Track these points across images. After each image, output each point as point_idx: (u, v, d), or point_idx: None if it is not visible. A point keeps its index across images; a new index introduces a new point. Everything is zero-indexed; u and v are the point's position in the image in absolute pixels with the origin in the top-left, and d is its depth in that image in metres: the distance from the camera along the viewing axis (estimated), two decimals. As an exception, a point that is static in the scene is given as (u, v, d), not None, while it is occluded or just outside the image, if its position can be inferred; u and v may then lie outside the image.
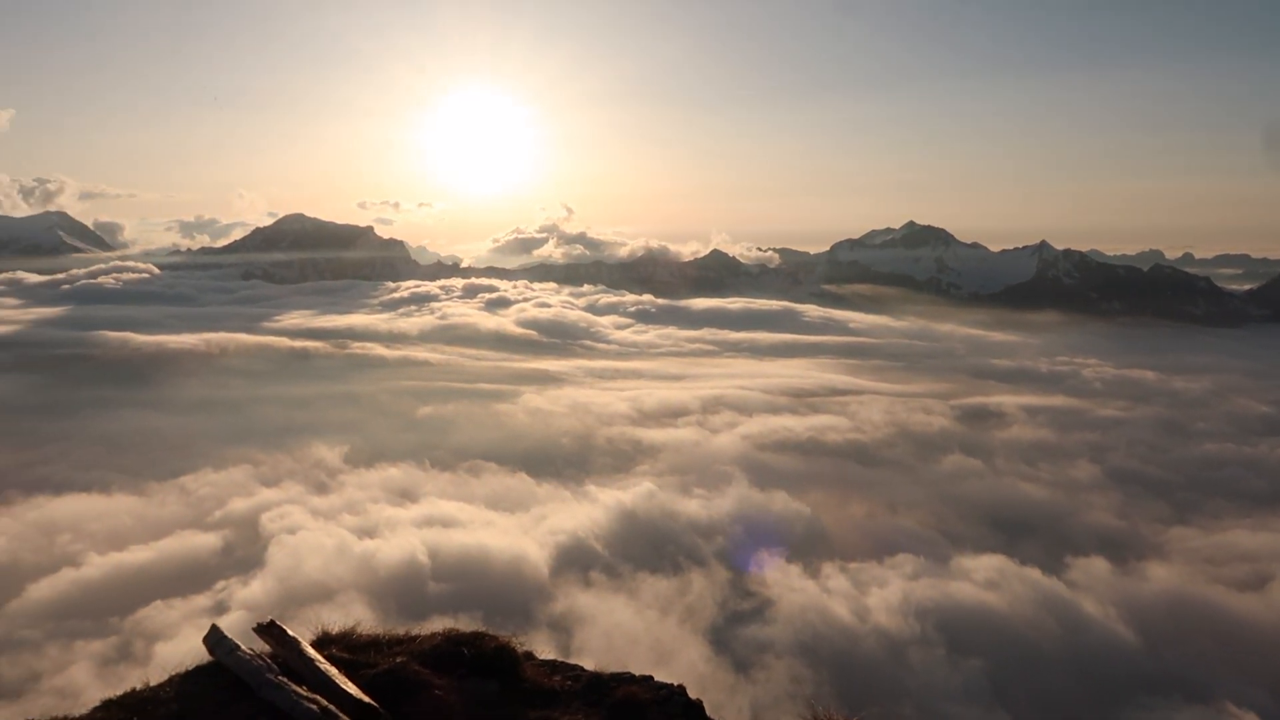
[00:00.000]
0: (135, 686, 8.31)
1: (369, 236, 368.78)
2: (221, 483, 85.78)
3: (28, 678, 52.71)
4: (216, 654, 8.27)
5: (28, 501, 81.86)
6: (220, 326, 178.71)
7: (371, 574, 61.05)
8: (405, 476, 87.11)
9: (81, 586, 63.36)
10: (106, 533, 73.78)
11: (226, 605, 58.64)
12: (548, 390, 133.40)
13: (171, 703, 7.93)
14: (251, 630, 8.57)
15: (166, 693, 8.12)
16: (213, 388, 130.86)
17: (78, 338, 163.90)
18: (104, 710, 7.89)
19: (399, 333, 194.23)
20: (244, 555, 66.82)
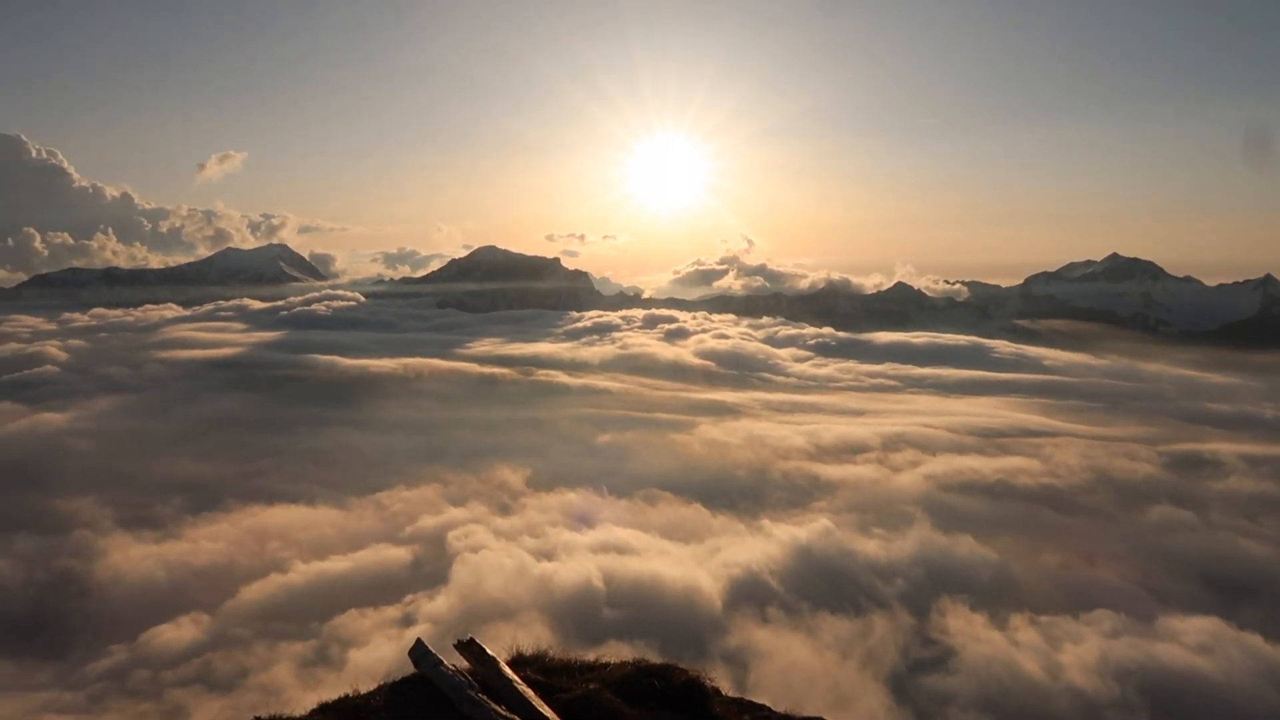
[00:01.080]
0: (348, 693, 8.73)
1: (556, 268, 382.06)
2: (413, 500, 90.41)
3: (238, 673, 57.01)
4: (421, 667, 8.56)
5: (244, 510, 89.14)
6: (417, 352, 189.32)
7: (548, 596, 62.35)
8: (584, 502, 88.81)
9: (287, 591, 68.10)
10: (311, 542, 79.16)
11: (414, 618, 61.39)
12: (724, 422, 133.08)
13: (381, 711, 8.26)
14: (452, 646, 8.84)
15: (376, 701, 8.48)
16: (408, 409, 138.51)
17: (292, 360, 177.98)
18: (322, 713, 8.31)
19: (581, 361, 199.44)
20: (431, 570, 69.82)
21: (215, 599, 67.62)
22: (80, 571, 75.15)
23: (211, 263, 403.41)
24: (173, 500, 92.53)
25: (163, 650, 60.33)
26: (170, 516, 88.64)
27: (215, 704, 53.00)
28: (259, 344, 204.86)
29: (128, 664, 59.33)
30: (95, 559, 77.29)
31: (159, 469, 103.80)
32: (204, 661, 58.28)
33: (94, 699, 55.50)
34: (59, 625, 68.59)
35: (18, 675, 60.26)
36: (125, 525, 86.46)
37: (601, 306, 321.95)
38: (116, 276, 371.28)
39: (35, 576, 75.12)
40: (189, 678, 56.77)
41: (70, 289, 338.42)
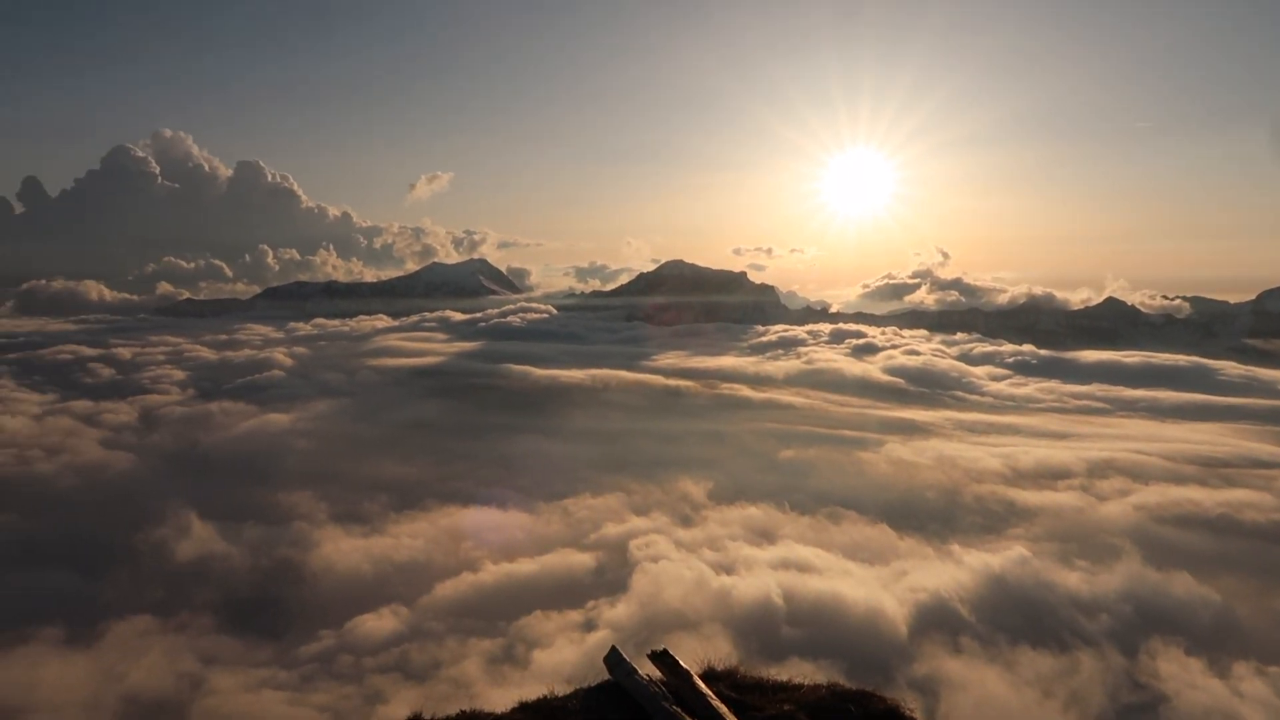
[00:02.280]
0: (546, 694, 8.93)
1: (742, 281, 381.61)
2: (598, 508, 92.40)
3: (431, 664, 60.02)
4: (615, 674, 8.64)
5: (441, 510, 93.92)
6: (604, 364, 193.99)
7: (727, 610, 62.02)
8: (765, 517, 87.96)
9: (478, 590, 71.12)
10: (501, 544, 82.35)
11: (595, 623, 62.59)
12: (913, 441, 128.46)
13: (577, 715, 8.42)
14: (645, 656, 8.87)
15: (573, 704, 8.64)
16: (595, 419, 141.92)
17: (489, 369, 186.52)
18: (521, 712, 8.55)
19: (765, 375, 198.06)
20: (612, 578, 71.00)
21: (413, 593, 71.52)
22: (297, 560, 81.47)
23: (419, 277, 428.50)
24: (379, 498, 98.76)
25: (365, 638, 64.40)
26: (376, 513, 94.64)
27: (410, 692, 55.92)
28: (459, 354, 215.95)
29: (334, 649, 63.71)
30: (310, 549, 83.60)
31: (367, 468, 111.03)
32: (401, 651, 61.75)
33: (305, 679, 59.91)
34: (278, 608, 74.56)
35: (243, 651, 65.90)
36: (337, 519, 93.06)
37: (787, 321, 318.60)
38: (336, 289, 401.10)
39: (260, 563, 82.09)
40: (388, 665, 60.32)
41: (296, 301, 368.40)
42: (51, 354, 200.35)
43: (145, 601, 74.38)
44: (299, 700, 57.07)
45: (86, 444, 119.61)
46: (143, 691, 58.75)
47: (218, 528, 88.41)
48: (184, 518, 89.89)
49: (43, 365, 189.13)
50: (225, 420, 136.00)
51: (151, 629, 68.90)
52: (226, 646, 66.76)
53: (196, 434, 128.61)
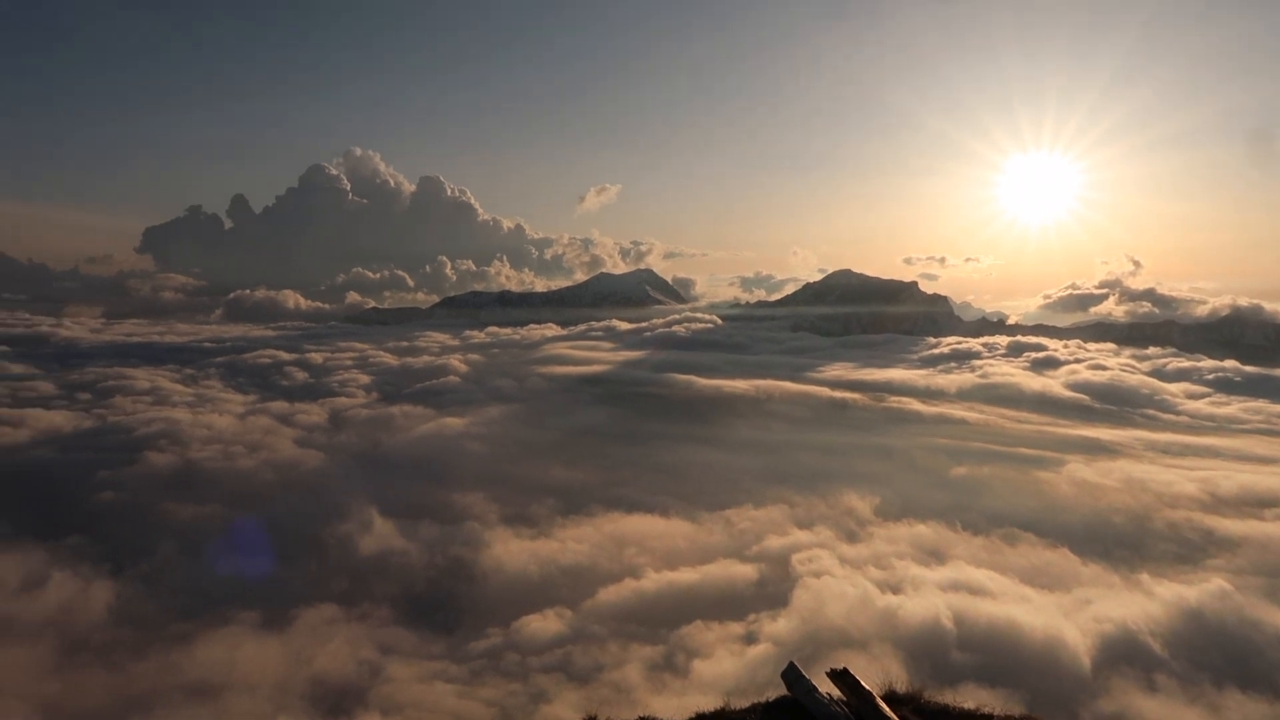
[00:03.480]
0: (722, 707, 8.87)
1: (913, 291, 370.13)
2: (760, 519, 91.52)
3: (593, 667, 60.98)
4: (794, 691, 8.48)
5: (605, 516, 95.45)
6: (769, 374, 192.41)
7: (892, 630, 60.03)
8: (934, 535, 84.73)
9: (640, 596, 71.76)
10: (663, 551, 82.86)
11: (756, 636, 61.93)
12: (1098, 461, 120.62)
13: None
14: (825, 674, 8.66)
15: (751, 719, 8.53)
16: (759, 430, 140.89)
17: (653, 378, 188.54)
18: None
19: (937, 389, 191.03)
20: (774, 591, 70.05)
21: (577, 596, 72.96)
22: (469, 559, 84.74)
23: (587, 286, 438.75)
24: (546, 501, 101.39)
25: (531, 638, 66.18)
26: (543, 516, 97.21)
27: (573, 694, 57.03)
28: (625, 362, 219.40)
29: (502, 646, 65.80)
30: (481, 549, 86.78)
31: (536, 472, 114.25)
32: (565, 653, 63.07)
33: (474, 674, 62.19)
34: (451, 605, 77.77)
35: (418, 644, 69.09)
36: (507, 521, 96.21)
37: (961, 332, 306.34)
38: (508, 299, 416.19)
39: (435, 560, 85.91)
40: (551, 665, 61.75)
41: (472, 310, 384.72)
42: (253, 358, 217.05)
43: (331, 591, 79.28)
44: (468, 694, 59.29)
45: (282, 442, 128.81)
46: (327, 675, 62.59)
47: (397, 524, 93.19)
48: (367, 514, 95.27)
49: (246, 368, 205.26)
50: (405, 423, 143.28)
51: (336, 617, 73.33)
52: (403, 638, 70.20)
53: (379, 435, 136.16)
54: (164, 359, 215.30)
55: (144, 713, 55.86)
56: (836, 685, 8.26)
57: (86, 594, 76.34)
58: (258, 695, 58.94)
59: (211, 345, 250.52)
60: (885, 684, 8.84)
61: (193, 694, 58.55)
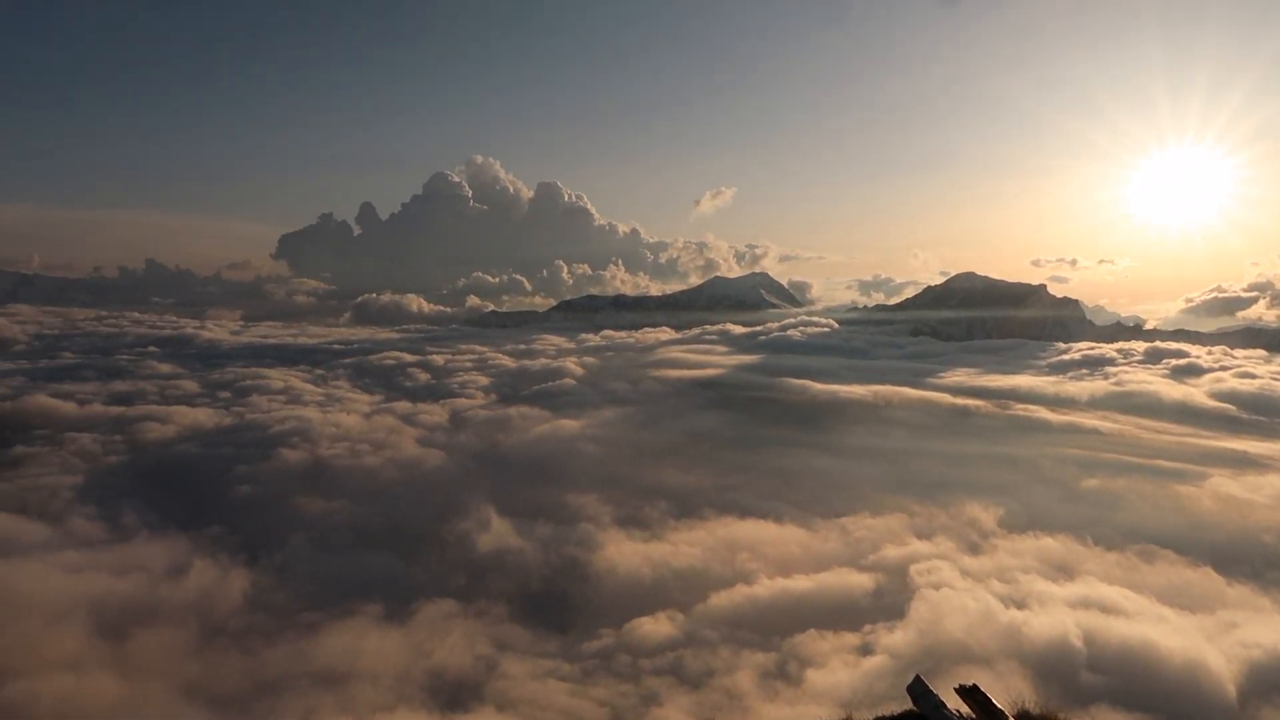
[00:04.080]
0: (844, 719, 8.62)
1: (1041, 295, 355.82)
2: (877, 528, 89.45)
3: (705, 672, 60.71)
4: (921, 705, 8.19)
5: (718, 520, 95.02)
6: (887, 379, 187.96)
7: (1016, 647, 57.65)
8: (1063, 550, 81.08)
9: (752, 602, 71.10)
10: (777, 558, 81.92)
11: (872, 648, 60.48)
12: (1245, 475, 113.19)
13: (884, 744, 8.03)
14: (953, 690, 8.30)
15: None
16: (876, 437, 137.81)
17: (767, 382, 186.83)
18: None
19: (1066, 397, 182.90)
20: (890, 602, 68.31)
21: (689, 600, 72.84)
22: (583, 560, 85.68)
23: (701, 290, 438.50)
24: (659, 504, 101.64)
25: (643, 640, 66.38)
26: (656, 519, 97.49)
27: (684, 698, 56.91)
28: (739, 366, 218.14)
29: (614, 647, 66.22)
30: (595, 550, 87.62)
31: (649, 475, 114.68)
32: (676, 656, 63.01)
33: (586, 673, 62.78)
34: (564, 604, 78.79)
35: (532, 642, 70.23)
36: (620, 523, 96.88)
37: (1093, 338, 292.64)
38: (623, 302, 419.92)
39: (549, 559, 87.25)
40: (663, 668, 61.77)
41: (587, 313, 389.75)
42: (379, 359, 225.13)
43: (450, 587, 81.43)
44: (580, 693, 59.88)
45: (405, 441, 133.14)
46: (445, 669, 64.25)
47: (513, 523, 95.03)
48: (484, 512, 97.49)
49: (372, 369, 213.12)
50: (522, 424, 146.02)
51: (454, 612, 75.24)
52: (518, 635, 71.49)
53: (497, 435, 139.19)
54: (297, 360, 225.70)
55: (275, 697, 58.52)
56: (966, 702, 7.86)
57: (224, 582, 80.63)
58: (380, 685, 60.95)
59: (340, 347, 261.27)
60: (1016, 703, 8.38)
61: (320, 681, 61.00)
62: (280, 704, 57.33)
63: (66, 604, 71.81)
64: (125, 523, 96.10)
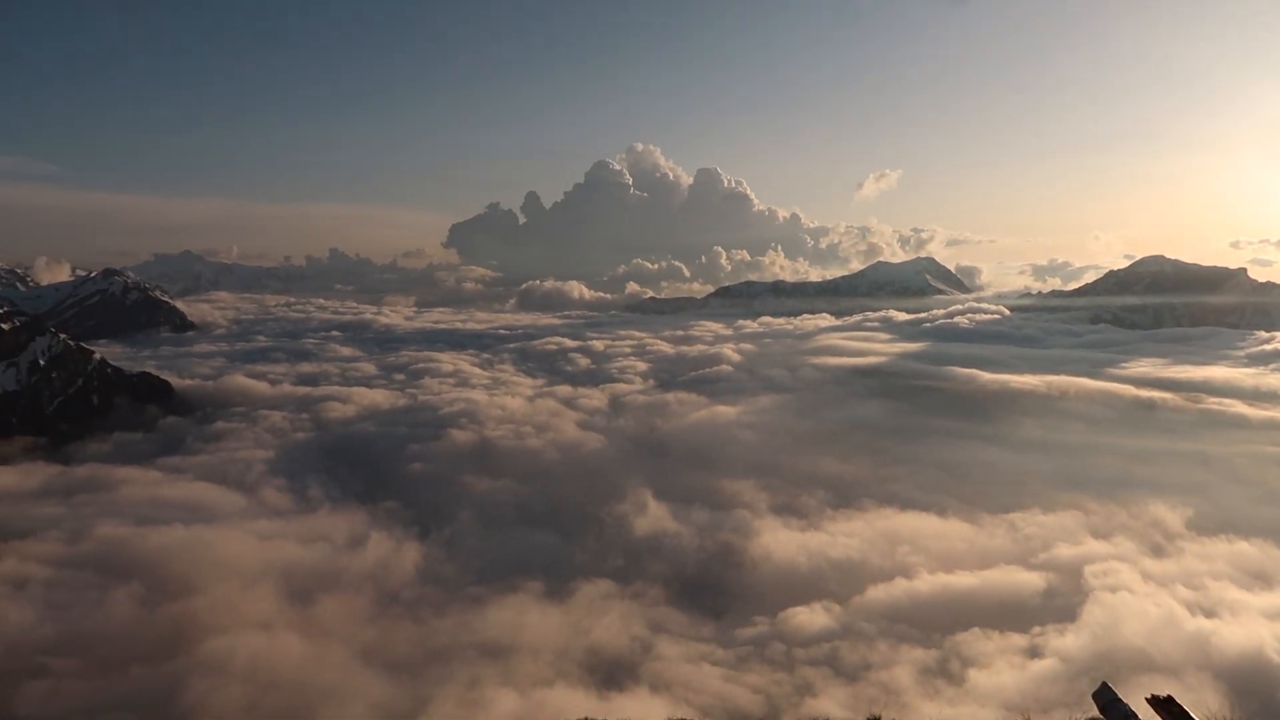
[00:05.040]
0: None
1: (1240, 279, 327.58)
2: (1049, 525, 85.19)
3: (861, 665, 59.65)
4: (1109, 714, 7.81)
5: (877, 511, 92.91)
6: (1063, 370, 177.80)
7: (1205, 658, 53.76)
8: (1261, 556, 74.82)
9: (911, 597, 69.21)
10: (939, 553, 79.35)
11: (1040, 651, 57.84)
12: None
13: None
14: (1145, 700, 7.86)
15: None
16: (1049, 430, 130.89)
17: (931, 371, 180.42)
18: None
19: (1268, 390, 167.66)
20: (1062, 604, 65.04)
21: (846, 591, 71.68)
22: (738, 546, 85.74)
23: (863, 276, 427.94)
24: (816, 494, 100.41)
25: (797, 630, 65.83)
26: (813, 508, 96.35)
27: (840, 690, 56.09)
28: (901, 354, 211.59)
29: (767, 635, 65.99)
30: (750, 537, 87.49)
31: (806, 464, 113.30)
32: (832, 647, 62.19)
33: (739, 659, 62.85)
34: (719, 589, 79.13)
35: (687, 625, 70.94)
36: (776, 511, 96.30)
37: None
38: (782, 289, 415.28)
39: (705, 544, 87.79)
40: (818, 659, 61.08)
41: (745, 299, 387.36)
42: (541, 345, 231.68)
43: (607, 567, 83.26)
44: (734, 679, 60.04)
45: (566, 424, 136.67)
46: (602, 647, 65.78)
47: (670, 508, 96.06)
48: (642, 496, 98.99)
49: (535, 354, 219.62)
50: (679, 409, 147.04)
51: (611, 593, 76.88)
52: (673, 618, 72.33)
53: (654, 421, 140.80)
54: (465, 345, 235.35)
55: (443, 665, 61.54)
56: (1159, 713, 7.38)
57: (398, 553, 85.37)
58: (540, 660, 63.06)
59: (505, 332, 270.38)
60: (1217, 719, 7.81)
61: (484, 652, 63.69)
62: (448, 671, 60.21)
63: (260, 569, 77.91)
64: (311, 495, 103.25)
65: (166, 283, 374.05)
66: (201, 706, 54.17)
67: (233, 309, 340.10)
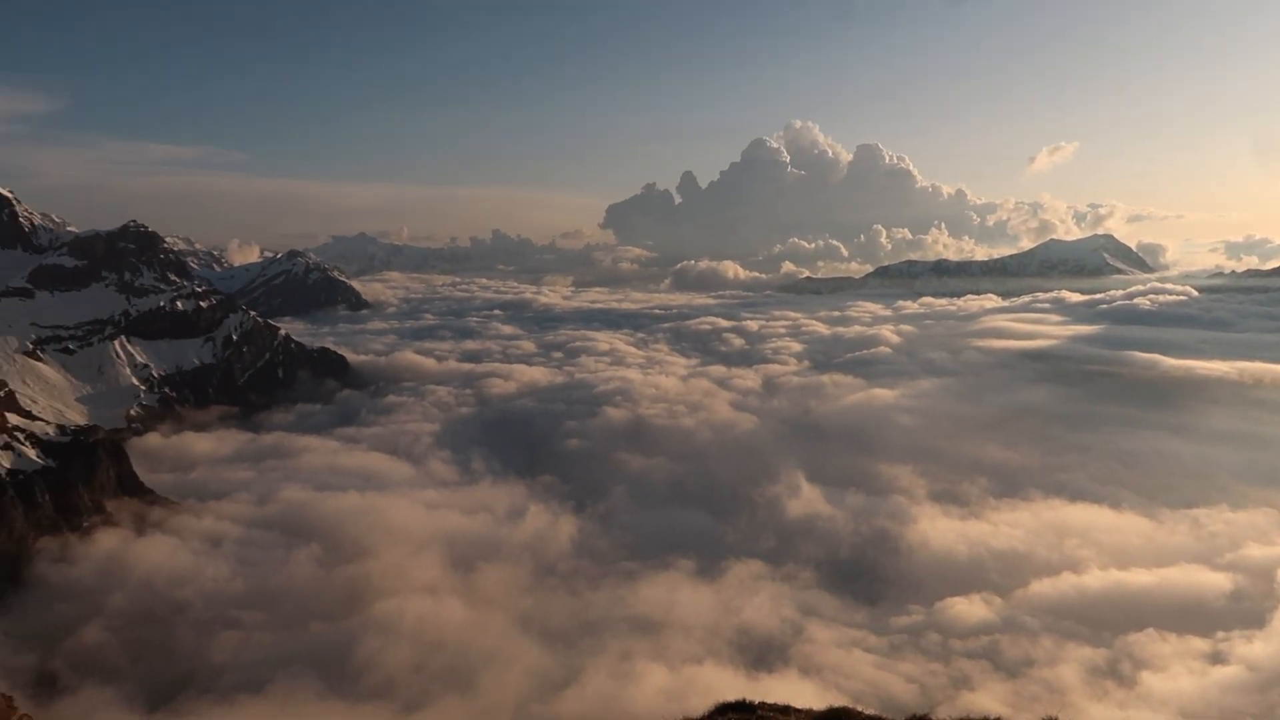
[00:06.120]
0: None
1: None
2: (1238, 523, 79.25)
3: (1023, 661, 57.41)
4: None
5: (1044, 502, 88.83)
6: (1258, 355, 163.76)
7: None
8: None
9: (1080, 593, 65.96)
10: (1112, 547, 75.23)
11: (1225, 658, 54.21)
12: None
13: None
14: None
15: None
16: (1241, 420, 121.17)
17: (1108, 355, 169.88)
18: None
19: None
20: (1251, 608, 60.57)
21: (1007, 583, 69.10)
22: (893, 532, 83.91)
23: (1033, 254, 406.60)
24: (978, 481, 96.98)
25: (954, 620, 63.93)
26: (975, 496, 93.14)
27: (999, 685, 54.23)
28: (1074, 337, 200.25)
29: (922, 625, 64.40)
30: (907, 524, 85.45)
31: (967, 450, 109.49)
32: (991, 641, 60.09)
33: (893, 648, 61.65)
34: (873, 575, 77.80)
35: (839, 610, 70.16)
36: (934, 498, 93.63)
37: None
38: (945, 268, 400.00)
39: (859, 529, 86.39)
40: (976, 652, 59.16)
41: (905, 279, 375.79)
42: (696, 325, 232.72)
43: (758, 548, 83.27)
44: (887, 666, 58.99)
45: (719, 404, 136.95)
46: (752, 627, 65.97)
47: (823, 491, 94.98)
48: (794, 478, 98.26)
49: (689, 334, 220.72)
50: (834, 391, 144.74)
51: (762, 574, 76.87)
52: (824, 602, 71.68)
53: (809, 402, 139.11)
54: (620, 324, 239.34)
55: (595, 637, 63.25)
56: None
57: (555, 527, 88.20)
58: (690, 637, 63.86)
59: (660, 312, 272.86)
60: None
61: (636, 627, 65.05)
62: (600, 643, 61.87)
63: (427, 536, 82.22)
64: (473, 467, 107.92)
65: (343, 263, 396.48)
66: (373, 663, 57.83)
67: (403, 288, 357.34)
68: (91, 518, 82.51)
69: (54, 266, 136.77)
